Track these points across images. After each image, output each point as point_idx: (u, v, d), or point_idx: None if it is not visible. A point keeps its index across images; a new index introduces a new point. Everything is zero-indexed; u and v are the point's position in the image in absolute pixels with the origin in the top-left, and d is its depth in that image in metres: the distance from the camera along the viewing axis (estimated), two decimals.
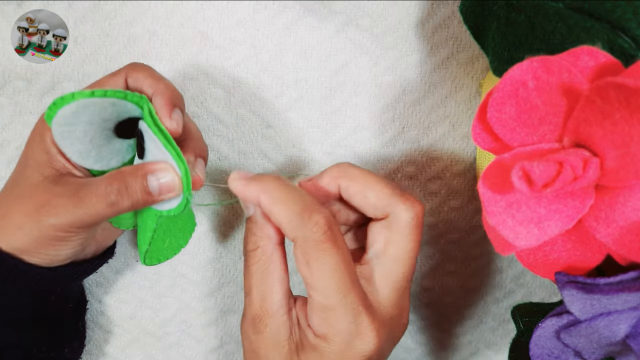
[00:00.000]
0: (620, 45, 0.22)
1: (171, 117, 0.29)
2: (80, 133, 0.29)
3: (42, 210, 0.29)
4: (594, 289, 0.22)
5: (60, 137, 0.29)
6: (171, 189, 0.29)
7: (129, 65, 0.31)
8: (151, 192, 0.29)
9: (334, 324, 0.27)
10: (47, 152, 0.30)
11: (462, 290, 0.42)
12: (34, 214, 0.29)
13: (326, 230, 0.27)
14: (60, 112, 0.28)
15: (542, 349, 0.26)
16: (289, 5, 0.36)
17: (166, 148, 0.29)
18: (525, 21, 0.25)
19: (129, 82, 0.31)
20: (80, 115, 0.28)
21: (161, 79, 0.31)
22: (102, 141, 0.30)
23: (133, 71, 0.31)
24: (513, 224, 0.23)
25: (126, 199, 0.29)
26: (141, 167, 0.29)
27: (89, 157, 0.30)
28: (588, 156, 0.22)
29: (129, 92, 0.29)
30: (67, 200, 0.29)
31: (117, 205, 0.29)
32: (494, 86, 0.22)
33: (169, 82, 0.31)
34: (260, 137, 0.38)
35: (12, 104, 0.36)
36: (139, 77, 0.30)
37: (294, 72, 0.37)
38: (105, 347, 0.41)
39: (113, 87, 0.30)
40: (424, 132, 0.38)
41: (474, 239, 0.40)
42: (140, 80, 0.30)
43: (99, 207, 0.29)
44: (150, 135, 0.29)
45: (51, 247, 0.30)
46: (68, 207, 0.29)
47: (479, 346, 0.44)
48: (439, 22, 0.36)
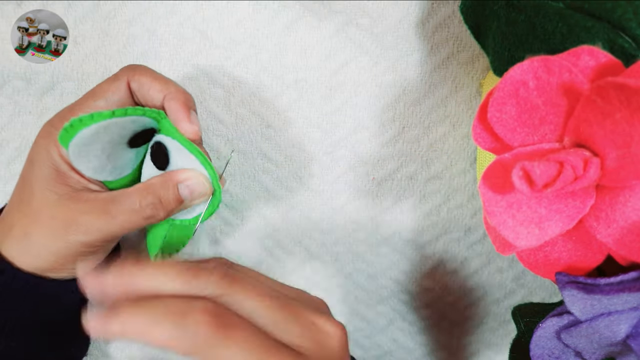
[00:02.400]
0: (621, 45, 0.22)
1: (190, 120, 0.29)
2: (98, 152, 0.29)
3: (69, 229, 0.29)
4: (595, 289, 0.22)
5: (77, 158, 0.28)
6: (202, 194, 0.30)
7: (128, 67, 0.30)
8: (183, 199, 0.29)
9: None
10: (57, 168, 0.29)
11: (462, 290, 0.42)
12: (61, 233, 0.29)
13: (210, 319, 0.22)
14: (79, 134, 0.27)
15: (542, 349, 0.26)
16: (289, 4, 0.35)
17: (196, 157, 0.29)
18: (526, 21, 0.25)
19: (133, 86, 0.30)
20: (101, 136, 0.28)
21: (169, 82, 0.30)
22: (118, 155, 0.30)
23: (135, 74, 0.30)
24: (513, 224, 0.23)
25: (161, 211, 0.29)
26: (169, 178, 0.29)
27: (105, 171, 0.30)
28: (589, 156, 0.22)
29: (147, 108, 0.29)
30: (96, 218, 0.29)
31: (153, 218, 0.29)
32: (495, 86, 0.22)
33: (177, 85, 0.30)
34: (260, 137, 0.38)
35: (12, 104, 0.36)
36: (143, 80, 0.30)
37: (293, 71, 0.37)
38: (105, 347, 0.41)
39: (115, 92, 0.30)
40: (424, 132, 0.38)
41: (474, 239, 0.40)
42: (146, 85, 0.30)
43: (135, 221, 0.29)
44: (175, 145, 0.29)
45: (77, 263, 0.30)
46: (98, 225, 0.29)
47: (479, 346, 0.44)
48: (439, 21, 0.36)
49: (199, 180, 0.29)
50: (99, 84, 0.30)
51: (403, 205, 0.39)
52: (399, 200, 0.39)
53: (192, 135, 0.29)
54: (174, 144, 0.29)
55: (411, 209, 0.39)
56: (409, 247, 0.40)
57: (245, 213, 0.39)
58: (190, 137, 0.29)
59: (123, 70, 0.30)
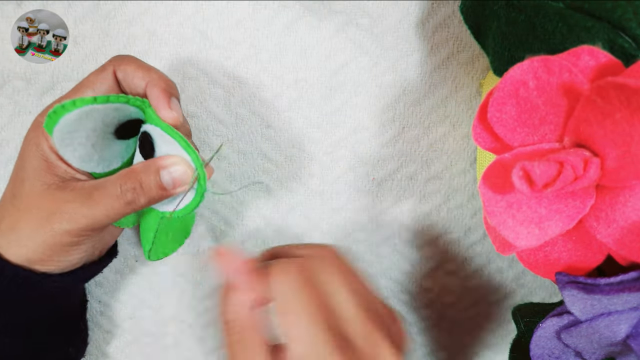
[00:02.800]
0: (621, 45, 0.22)
1: (170, 106, 0.29)
2: (82, 139, 0.29)
3: (53, 218, 0.29)
4: (595, 289, 0.22)
5: (62, 145, 0.29)
6: (185, 181, 0.29)
7: (115, 58, 0.31)
8: (165, 186, 0.29)
9: None
10: (46, 159, 0.30)
11: (462, 290, 0.42)
12: (45, 223, 0.29)
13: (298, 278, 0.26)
14: (62, 120, 0.28)
15: (542, 350, 0.26)
16: (289, 5, 0.35)
17: (178, 142, 0.29)
18: (526, 21, 0.25)
19: (119, 75, 0.30)
20: (83, 122, 0.28)
21: (152, 69, 0.30)
22: (104, 145, 0.30)
23: (120, 64, 0.30)
24: (513, 224, 0.23)
25: (142, 196, 0.29)
26: (152, 163, 0.29)
27: (91, 162, 0.30)
28: (589, 156, 0.22)
29: (130, 96, 0.29)
30: (80, 205, 0.29)
31: (134, 203, 0.29)
32: (495, 86, 0.22)
33: (160, 72, 0.30)
34: (260, 137, 0.38)
35: (12, 104, 0.36)
36: (127, 69, 0.30)
37: (293, 72, 0.37)
38: (105, 347, 0.41)
39: (102, 82, 0.30)
40: (424, 132, 0.38)
41: (474, 239, 0.40)
42: (130, 73, 0.30)
43: (117, 207, 0.29)
44: (159, 133, 0.29)
45: (64, 254, 0.30)
46: (82, 211, 0.29)
47: (479, 347, 0.44)
48: (439, 22, 0.36)
49: (181, 166, 0.29)
50: (87, 76, 0.31)
51: (403, 205, 0.39)
52: (399, 201, 0.39)
53: (172, 121, 0.29)
54: (158, 132, 0.29)
55: (411, 209, 0.39)
56: (409, 247, 0.40)
57: (245, 213, 0.39)
58: (170, 122, 0.29)
59: (110, 61, 0.30)
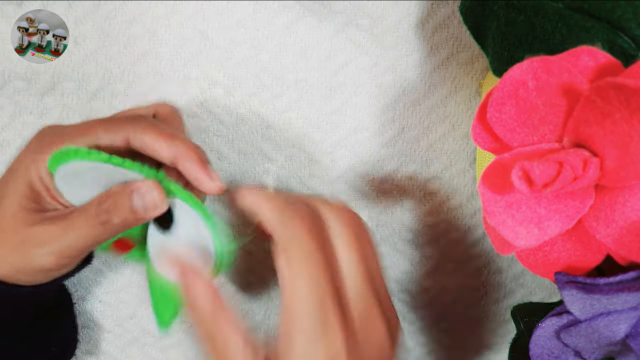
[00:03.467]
0: (620, 45, 0.22)
1: (211, 177, 0.28)
2: (83, 186, 0.29)
3: (27, 242, 0.28)
4: (594, 289, 0.22)
5: (61, 184, 0.28)
6: (156, 206, 0.28)
7: (128, 121, 0.29)
8: (135, 209, 0.28)
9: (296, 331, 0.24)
10: (31, 187, 0.29)
11: (462, 290, 0.42)
12: (19, 247, 0.28)
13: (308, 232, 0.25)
14: (70, 165, 0.27)
15: (542, 349, 0.26)
16: (289, 5, 0.36)
17: (202, 216, 0.28)
18: (525, 21, 0.25)
19: (134, 144, 0.29)
20: (90, 172, 0.28)
21: (174, 137, 0.29)
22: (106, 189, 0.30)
23: (136, 131, 0.28)
24: (513, 224, 0.23)
25: (115, 216, 0.28)
26: (127, 185, 0.28)
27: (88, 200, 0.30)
28: (588, 156, 0.22)
29: (145, 168, 0.28)
30: (55, 228, 0.28)
31: (108, 223, 0.28)
32: (494, 86, 0.22)
33: (183, 136, 0.29)
34: (260, 137, 0.38)
35: (12, 104, 0.36)
36: (146, 140, 0.29)
37: (293, 72, 0.37)
38: (105, 346, 0.41)
39: (110, 141, 0.29)
40: (424, 132, 0.38)
41: (473, 238, 0.40)
42: (151, 144, 0.28)
43: (92, 228, 0.28)
44: (178, 203, 0.29)
45: (40, 276, 0.29)
46: (56, 235, 0.28)
47: (479, 346, 0.44)
48: (439, 22, 0.36)
49: (155, 193, 0.28)
50: (95, 122, 0.30)
51: (403, 205, 0.39)
52: (399, 200, 0.39)
53: (217, 191, 0.28)
54: (177, 202, 0.29)
55: (411, 208, 0.39)
56: (409, 247, 0.40)
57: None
58: (214, 193, 0.28)
59: (122, 124, 0.29)
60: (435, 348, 0.44)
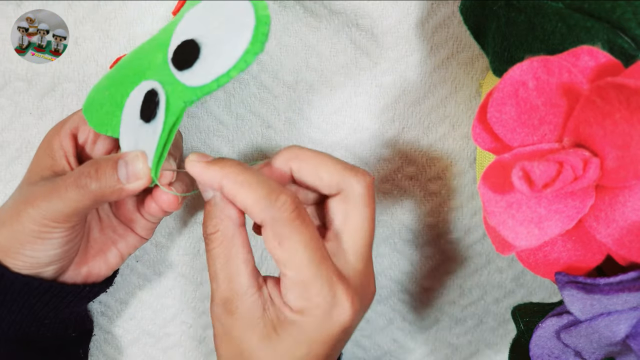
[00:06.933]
0: (620, 45, 0.22)
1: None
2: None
3: (25, 205, 0.29)
4: (594, 289, 0.22)
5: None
6: (139, 176, 0.29)
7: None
8: (119, 177, 0.29)
9: (311, 297, 0.27)
10: (52, 156, 0.31)
11: (462, 290, 0.42)
12: (17, 210, 0.30)
13: (294, 208, 0.27)
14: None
15: (542, 349, 0.26)
16: (288, 5, 0.35)
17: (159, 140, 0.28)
18: (525, 21, 0.25)
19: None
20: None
21: None
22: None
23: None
24: (513, 224, 0.23)
25: (94, 181, 0.29)
26: (115, 154, 0.30)
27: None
28: (588, 156, 0.22)
29: None
30: (45, 191, 0.29)
31: (85, 187, 0.29)
32: (494, 86, 0.22)
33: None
34: (260, 138, 0.38)
35: (12, 105, 0.36)
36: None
37: (293, 72, 0.37)
38: (105, 347, 0.41)
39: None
40: (424, 132, 0.38)
41: (473, 238, 0.40)
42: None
43: (74, 192, 0.29)
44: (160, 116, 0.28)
45: (29, 245, 0.30)
46: (45, 197, 0.29)
47: (479, 346, 0.44)
48: (439, 22, 0.36)
49: (140, 163, 0.29)
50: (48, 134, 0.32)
51: (403, 205, 0.39)
52: (399, 200, 0.39)
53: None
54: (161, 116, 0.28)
55: (411, 208, 0.39)
56: (409, 247, 0.40)
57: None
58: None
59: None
60: (435, 348, 0.44)
